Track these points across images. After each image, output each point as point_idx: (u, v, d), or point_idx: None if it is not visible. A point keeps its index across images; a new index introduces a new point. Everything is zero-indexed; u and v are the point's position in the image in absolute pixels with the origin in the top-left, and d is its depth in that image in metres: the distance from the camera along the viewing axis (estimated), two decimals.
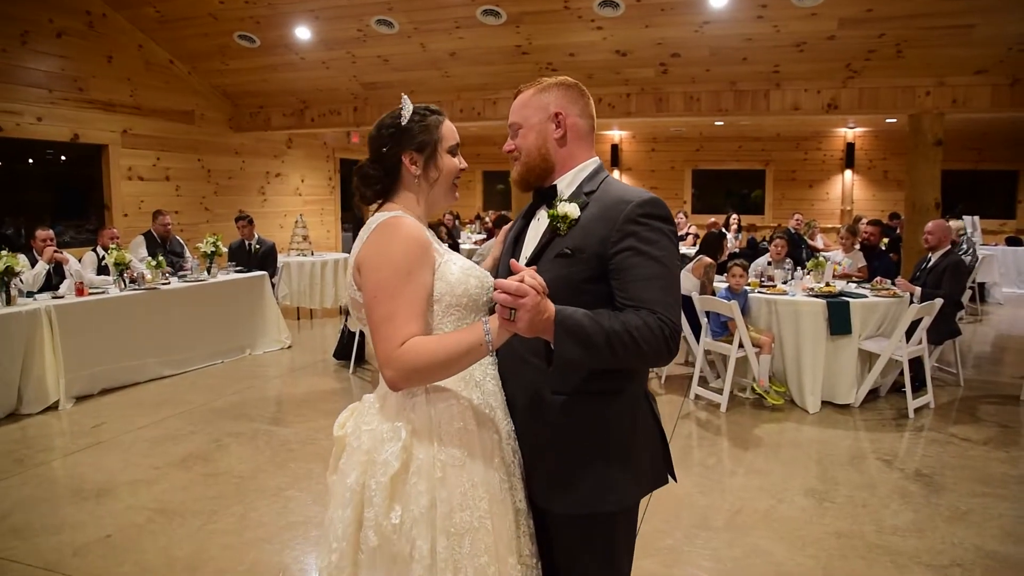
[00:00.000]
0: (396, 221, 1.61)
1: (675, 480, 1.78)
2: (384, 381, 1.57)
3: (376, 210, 1.73)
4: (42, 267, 6.08)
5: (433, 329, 1.61)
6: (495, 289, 1.42)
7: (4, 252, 5.23)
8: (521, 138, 1.73)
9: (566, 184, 1.71)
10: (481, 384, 1.66)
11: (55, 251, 6.18)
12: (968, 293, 8.81)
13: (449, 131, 1.74)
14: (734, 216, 11.44)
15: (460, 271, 1.64)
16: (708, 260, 6.20)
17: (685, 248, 9.92)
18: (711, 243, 6.47)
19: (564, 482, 1.62)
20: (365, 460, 1.58)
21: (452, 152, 1.74)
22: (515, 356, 1.68)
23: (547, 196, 1.72)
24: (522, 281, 1.39)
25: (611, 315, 1.50)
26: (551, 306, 1.44)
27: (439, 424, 1.57)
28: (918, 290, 5.59)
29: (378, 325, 1.54)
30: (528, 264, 1.68)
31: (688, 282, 6.23)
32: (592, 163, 1.74)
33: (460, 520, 1.52)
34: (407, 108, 1.71)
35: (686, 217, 11.81)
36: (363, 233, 1.64)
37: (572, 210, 1.63)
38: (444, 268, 1.62)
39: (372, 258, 1.58)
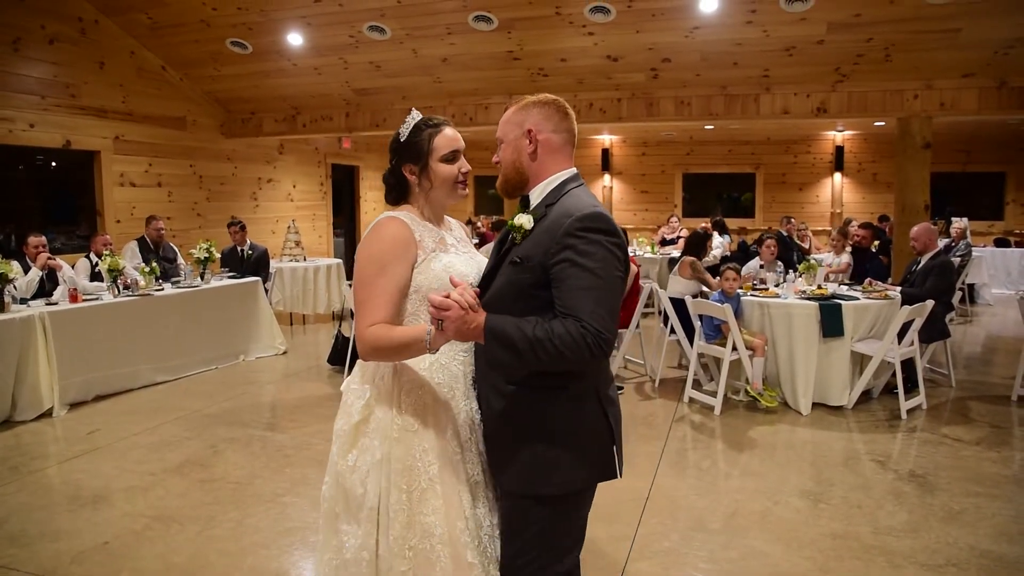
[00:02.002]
0: (385, 221, 1.89)
1: (620, 476, 1.85)
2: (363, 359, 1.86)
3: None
4: (35, 274, 6.04)
5: (409, 315, 1.87)
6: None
7: None
8: (502, 152, 1.89)
9: (536, 195, 1.85)
10: (447, 366, 1.90)
11: (48, 257, 6.14)
12: (958, 295, 8.90)
13: (444, 141, 1.93)
14: (710, 222, 11.32)
15: (442, 269, 1.87)
16: (690, 259, 6.26)
17: (675, 251, 9.98)
18: (695, 243, 6.54)
19: (510, 461, 1.80)
20: (347, 411, 1.91)
21: (448, 159, 1.93)
22: (480, 353, 1.87)
23: (525, 204, 1.88)
24: (448, 296, 1.63)
25: (539, 323, 1.64)
26: (480, 316, 1.66)
27: (400, 393, 1.85)
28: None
29: (357, 307, 1.85)
30: (492, 269, 1.87)
31: (679, 285, 6.28)
32: (562, 175, 1.85)
33: (411, 479, 1.79)
34: (408, 124, 1.94)
35: (679, 221, 11.85)
36: (368, 228, 1.92)
37: (526, 221, 1.79)
38: (425, 264, 1.87)
39: (361, 252, 1.87)
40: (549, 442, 1.75)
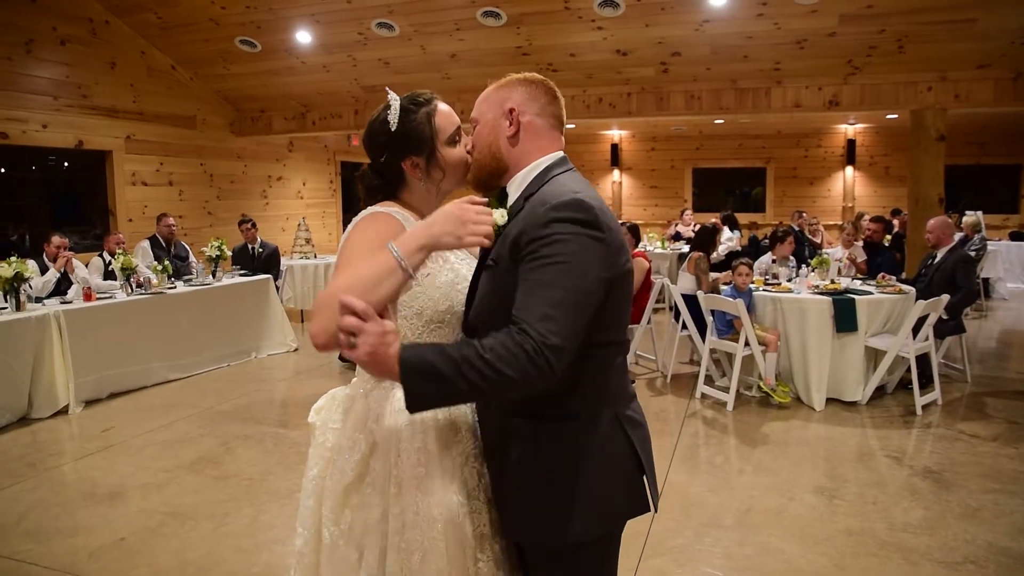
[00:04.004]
0: (380, 216, 1.59)
1: (655, 510, 1.58)
2: (313, 343, 1.40)
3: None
4: (52, 275, 6.11)
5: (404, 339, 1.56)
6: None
7: (13, 258, 5.26)
8: (476, 134, 1.62)
9: (516, 186, 1.57)
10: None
11: (67, 259, 6.20)
12: None
13: (444, 120, 1.64)
14: (719, 217, 11.19)
15: (447, 285, 1.60)
16: (698, 254, 6.24)
17: (687, 247, 9.93)
18: (704, 237, 6.52)
19: (518, 507, 1.52)
20: (328, 458, 1.61)
21: (453, 141, 1.65)
22: None
23: (504, 199, 1.59)
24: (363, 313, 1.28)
25: (468, 342, 1.34)
26: (395, 344, 1.30)
27: (399, 440, 1.56)
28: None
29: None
30: (474, 278, 1.61)
31: (688, 281, 6.26)
32: (546, 161, 1.57)
33: (411, 538, 1.52)
34: (394, 109, 1.62)
35: (691, 215, 11.81)
36: (351, 224, 1.63)
37: (498, 217, 1.52)
38: (428, 281, 1.58)
39: (348, 239, 1.57)
40: (562, 483, 1.47)
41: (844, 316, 5.26)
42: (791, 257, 6.76)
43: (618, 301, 1.48)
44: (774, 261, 6.66)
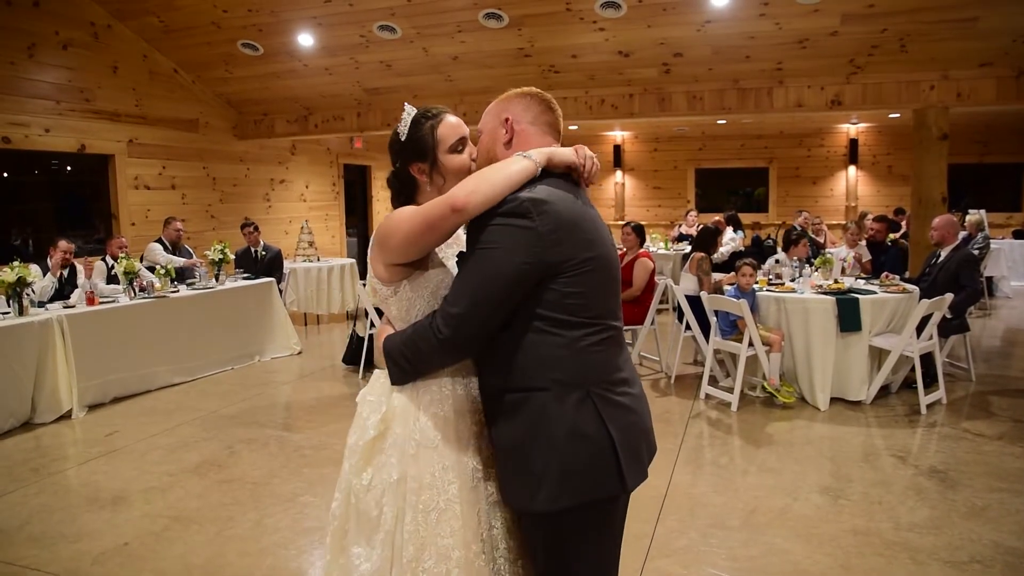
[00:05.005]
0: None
1: (625, 491, 1.63)
2: (455, 205, 1.57)
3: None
4: (51, 279, 6.11)
5: (418, 316, 1.72)
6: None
7: (17, 263, 5.26)
8: (479, 143, 1.80)
9: None
10: (471, 375, 1.78)
11: (85, 260, 6.24)
12: None
13: (448, 130, 1.79)
14: (723, 217, 11.12)
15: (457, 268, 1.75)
16: (700, 254, 6.24)
17: (690, 248, 9.91)
18: (705, 238, 6.51)
19: (501, 474, 1.69)
20: (362, 425, 1.78)
21: (455, 150, 1.79)
22: (478, 363, 1.76)
23: None
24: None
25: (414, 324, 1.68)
26: (381, 336, 1.74)
27: (419, 407, 1.71)
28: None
29: (427, 215, 1.62)
30: None
31: (690, 282, 6.25)
32: None
33: (428, 499, 1.65)
34: (405, 122, 1.81)
35: (696, 216, 11.78)
36: (377, 228, 1.79)
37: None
38: (439, 264, 1.75)
39: (386, 226, 1.70)
40: (530, 452, 1.58)
41: (848, 316, 5.25)
42: (795, 257, 6.76)
43: (580, 285, 1.58)
44: (777, 262, 6.65)
